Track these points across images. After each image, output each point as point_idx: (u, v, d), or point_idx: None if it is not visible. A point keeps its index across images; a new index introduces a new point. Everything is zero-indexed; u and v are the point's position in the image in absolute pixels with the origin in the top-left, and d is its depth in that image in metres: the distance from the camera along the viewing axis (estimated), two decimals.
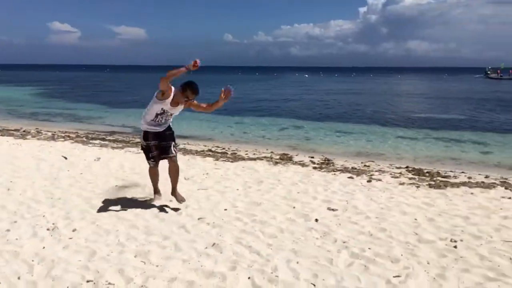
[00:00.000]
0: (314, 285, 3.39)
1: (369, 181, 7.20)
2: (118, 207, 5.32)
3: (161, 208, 5.29)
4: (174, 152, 5.15)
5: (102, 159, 8.55)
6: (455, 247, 4.21)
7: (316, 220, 5.00)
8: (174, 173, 5.22)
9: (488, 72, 77.76)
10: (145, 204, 5.43)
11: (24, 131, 13.37)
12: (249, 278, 3.48)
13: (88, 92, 37.39)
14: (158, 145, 5.15)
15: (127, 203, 5.48)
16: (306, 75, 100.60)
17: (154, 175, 5.49)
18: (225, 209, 5.31)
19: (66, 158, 8.51)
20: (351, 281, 3.46)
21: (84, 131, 14.38)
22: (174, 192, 5.34)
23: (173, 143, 5.18)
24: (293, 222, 4.94)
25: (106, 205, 5.40)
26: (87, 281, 3.41)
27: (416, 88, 48.16)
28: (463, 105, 25.88)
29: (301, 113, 21.35)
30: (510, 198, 6.24)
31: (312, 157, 9.80)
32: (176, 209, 5.27)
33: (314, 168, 8.38)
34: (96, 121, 18.56)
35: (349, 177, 7.46)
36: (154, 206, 5.37)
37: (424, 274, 3.59)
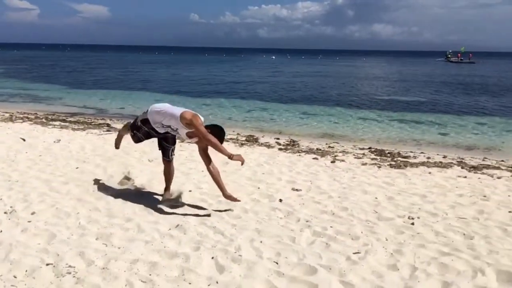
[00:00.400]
0: (277, 263, 3.45)
1: (333, 162, 7.33)
2: (79, 190, 5.21)
3: (124, 190, 5.22)
4: (170, 157, 5.00)
5: (62, 140, 8.31)
6: (413, 224, 4.37)
7: (280, 200, 5.06)
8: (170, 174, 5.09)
9: (449, 55, 79.83)
10: (107, 186, 5.34)
11: None
12: (212, 258, 3.50)
13: (48, 72, 36.01)
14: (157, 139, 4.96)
15: (88, 186, 5.37)
16: (273, 57, 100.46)
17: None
18: (190, 191, 5.29)
19: (24, 140, 8.22)
20: (313, 258, 3.54)
21: (43, 112, 13.90)
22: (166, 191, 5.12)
23: (173, 147, 5.00)
24: (258, 202, 4.99)
25: (67, 188, 5.27)
26: (47, 264, 3.33)
27: (380, 71, 49.02)
28: (424, 88, 26.58)
29: (267, 95, 21.37)
30: (465, 177, 6.51)
31: (278, 139, 9.87)
32: (139, 191, 5.21)
33: (280, 149, 8.45)
34: (56, 102, 17.97)
35: (313, 158, 7.57)
36: (116, 188, 5.29)
37: (382, 250, 3.71)
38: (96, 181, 5.56)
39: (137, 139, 5.03)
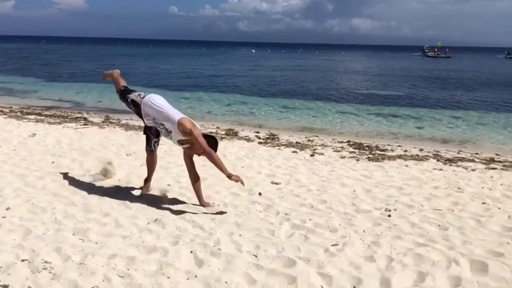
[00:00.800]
0: (256, 256, 3.46)
1: (312, 155, 7.38)
2: (54, 184, 5.11)
3: (101, 185, 5.15)
4: (152, 147, 4.89)
5: (38, 134, 8.14)
6: (389, 216, 4.45)
7: (260, 193, 5.08)
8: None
9: (426, 50, 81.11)
10: (84, 181, 5.26)
11: None
12: (191, 252, 3.49)
13: (23, 65, 35.11)
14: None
15: (64, 180, 5.28)
16: (253, 51, 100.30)
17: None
18: (169, 185, 5.26)
19: None
20: (292, 250, 3.57)
21: (18, 105, 13.58)
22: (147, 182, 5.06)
23: (155, 139, 4.86)
24: (237, 196, 4.99)
25: (42, 183, 5.17)
26: (22, 260, 3.27)
27: (359, 66, 49.48)
28: (402, 82, 26.96)
29: (247, 89, 21.33)
30: (441, 169, 6.64)
31: (258, 132, 9.88)
32: (117, 185, 5.14)
33: (260, 143, 8.46)
34: (31, 95, 17.57)
35: (293, 152, 7.61)
36: (93, 182, 5.22)
37: (360, 242, 3.76)
38: (73, 176, 5.47)
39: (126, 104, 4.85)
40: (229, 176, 4.30)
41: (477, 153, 8.27)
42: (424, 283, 3.08)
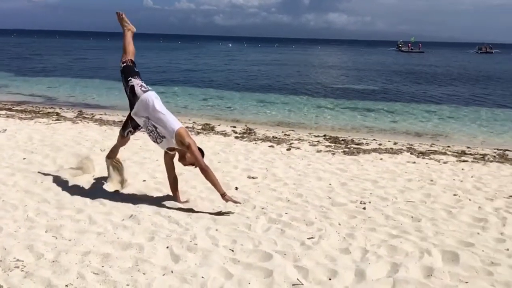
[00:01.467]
0: (232, 251, 3.47)
1: (288, 149, 7.42)
2: (26, 181, 4.98)
3: (74, 181, 5.04)
4: (125, 134, 4.76)
5: (9, 130, 7.91)
6: (364, 208, 4.51)
7: (236, 188, 5.08)
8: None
9: (400, 45, 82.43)
10: (57, 177, 5.13)
11: None
12: (167, 247, 3.47)
13: None
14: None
15: (36, 177, 5.15)
16: (230, 45, 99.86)
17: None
18: (144, 180, 5.20)
19: None
20: (268, 244, 3.58)
21: None
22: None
23: (132, 130, 4.71)
24: (214, 191, 4.92)
25: (13, 179, 5.03)
26: None
27: (335, 60, 49.90)
28: (377, 77, 27.34)
29: (224, 84, 21.25)
30: (414, 162, 6.78)
31: (234, 127, 9.86)
32: (90, 182, 5.05)
33: (236, 137, 8.45)
34: (1, 90, 17.04)
35: (269, 146, 7.63)
36: (66, 179, 5.10)
37: (335, 235, 3.81)
38: (45, 172, 5.34)
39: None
40: (223, 195, 4.23)
41: (449, 146, 8.47)
42: (397, 274, 3.14)
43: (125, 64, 4.63)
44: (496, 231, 4.05)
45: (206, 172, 4.23)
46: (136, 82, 4.47)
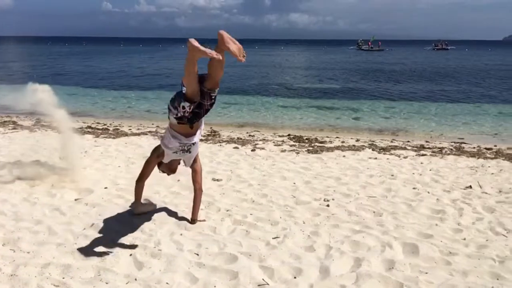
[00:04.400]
0: (197, 255, 3.44)
1: (253, 150, 7.43)
2: None
3: (31, 191, 4.86)
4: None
5: None
6: (328, 205, 4.58)
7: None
8: None
9: (360, 44, 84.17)
10: (13, 188, 4.94)
11: None
12: (130, 255, 3.41)
13: None
14: None
15: None
16: None
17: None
18: (106, 188, 5.08)
19: None
20: (233, 246, 3.58)
21: None
22: None
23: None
24: (178, 195, 4.92)
25: None
26: None
27: (298, 60, 50.40)
28: (339, 76, 27.81)
29: None
30: (376, 158, 6.94)
31: None
32: (49, 191, 4.89)
33: (201, 140, 8.36)
34: None
35: (234, 148, 7.62)
36: (23, 189, 4.92)
37: (300, 233, 3.85)
38: (1, 183, 5.13)
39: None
40: (194, 221, 4.07)
41: (408, 141, 8.72)
42: (360, 268, 3.21)
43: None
44: (454, 221, 4.20)
45: (201, 193, 4.12)
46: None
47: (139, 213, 4.25)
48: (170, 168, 4.06)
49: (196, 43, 3.39)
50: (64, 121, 5.97)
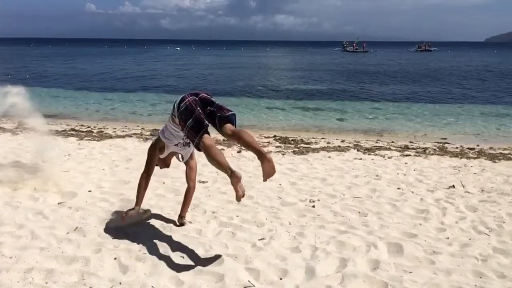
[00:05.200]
0: (183, 257, 3.42)
1: (239, 151, 7.43)
2: None
3: (14, 195, 4.77)
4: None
5: None
6: (313, 206, 4.60)
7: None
8: None
9: (345, 45, 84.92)
10: None
11: None
12: (115, 258, 3.37)
13: None
14: None
15: None
16: (178, 48, 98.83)
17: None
18: (89, 191, 5.01)
19: None
20: (219, 248, 3.57)
21: None
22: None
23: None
24: (163, 197, 4.90)
25: None
26: None
27: (284, 61, 50.58)
28: (325, 77, 27.98)
29: (173, 88, 20.97)
30: (361, 159, 6.99)
31: None
32: (32, 195, 4.81)
33: None
34: None
35: (220, 149, 7.58)
36: (5, 193, 4.82)
37: (286, 234, 3.86)
38: None
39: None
40: (182, 218, 4.09)
41: (393, 142, 8.82)
42: (346, 269, 3.23)
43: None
44: (437, 221, 4.25)
45: (193, 191, 4.20)
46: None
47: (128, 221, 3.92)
48: (165, 162, 4.12)
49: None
50: (37, 124, 5.87)
